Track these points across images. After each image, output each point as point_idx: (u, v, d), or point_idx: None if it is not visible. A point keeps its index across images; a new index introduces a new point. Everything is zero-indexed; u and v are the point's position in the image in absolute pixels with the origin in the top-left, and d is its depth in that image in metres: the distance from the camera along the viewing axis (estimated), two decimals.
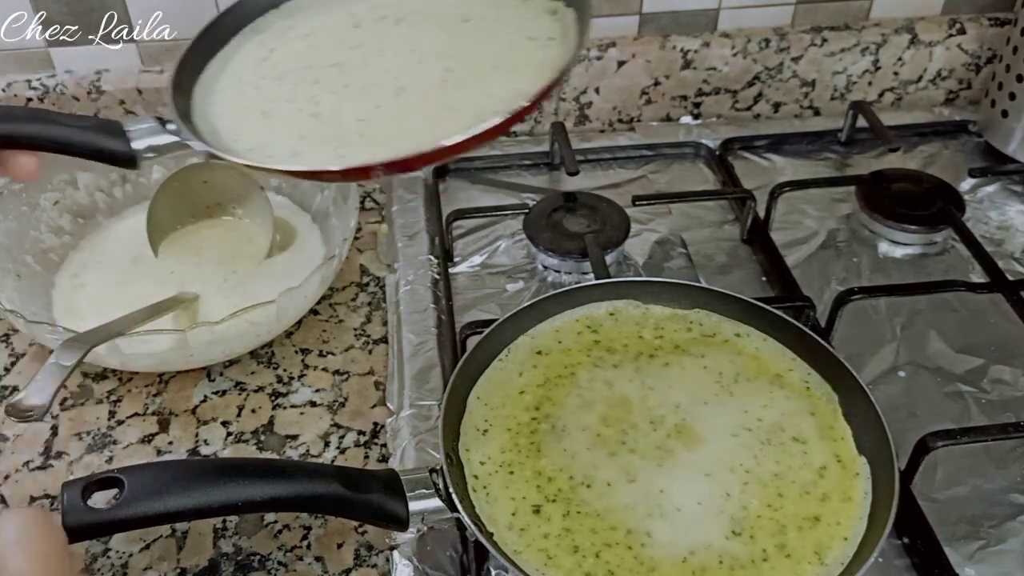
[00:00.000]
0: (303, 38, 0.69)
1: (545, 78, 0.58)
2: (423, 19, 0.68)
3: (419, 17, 0.69)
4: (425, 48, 0.66)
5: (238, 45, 0.69)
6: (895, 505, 0.55)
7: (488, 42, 0.65)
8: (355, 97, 0.62)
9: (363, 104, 0.62)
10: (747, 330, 0.69)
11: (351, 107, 0.61)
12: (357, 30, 0.68)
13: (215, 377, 0.75)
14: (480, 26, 0.67)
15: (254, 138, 0.60)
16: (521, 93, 0.57)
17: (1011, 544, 0.62)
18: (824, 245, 0.88)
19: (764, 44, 1.00)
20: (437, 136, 0.54)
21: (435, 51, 0.65)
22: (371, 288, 0.83)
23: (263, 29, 0.70)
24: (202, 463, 0.62)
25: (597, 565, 0.54)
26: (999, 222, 0.91)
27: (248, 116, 0.62)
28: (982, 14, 1.04)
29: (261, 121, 0.62)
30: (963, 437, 0.63)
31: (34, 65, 0.93)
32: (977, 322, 0.79)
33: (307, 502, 0.54)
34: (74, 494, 0.50)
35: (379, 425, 0.71)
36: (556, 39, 0.64)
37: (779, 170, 0.98)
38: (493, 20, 0.68)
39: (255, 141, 0.60)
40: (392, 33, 0.68)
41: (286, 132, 0.60)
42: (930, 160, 1.00)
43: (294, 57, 0.67)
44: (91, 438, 0.70)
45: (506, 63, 0.63)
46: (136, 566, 0.62)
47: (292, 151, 0.58)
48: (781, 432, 0.61)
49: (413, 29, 0.68)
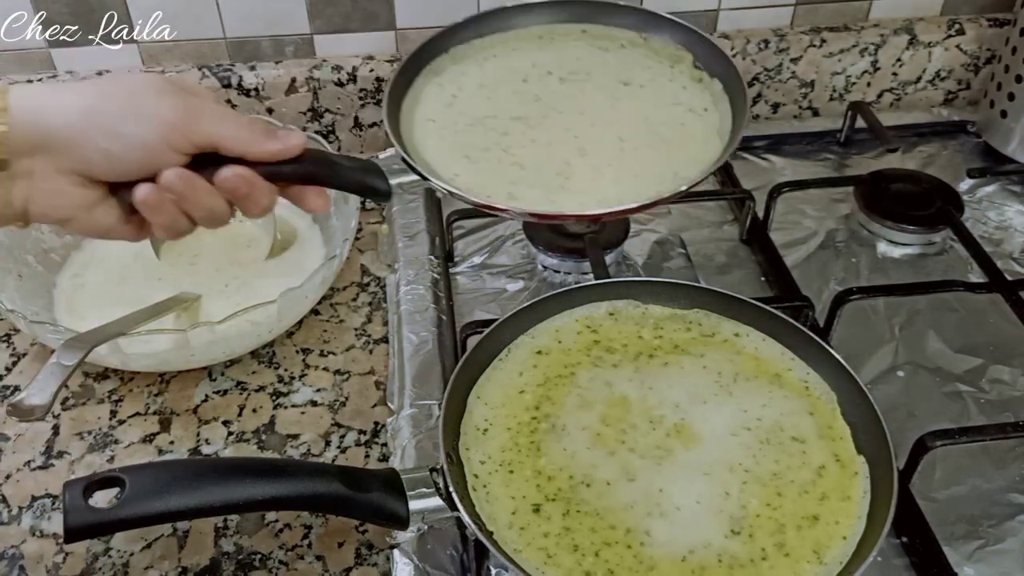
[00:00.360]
0: (480, 88, 0.77)
1: (716, 152, 0.69)
2: (585, 78, 0.77)
3: (580, 76, 0.77)
4: (595, 112, 0.74)
5: (421, 85, 0.76)
6: (894, 504, 0.55)
7: (652, 112, 0.74)
8: (545, 152, 0.71)
9: (555, 159, 0.70)
10: (746, 330, 0.69)
11: (546, 161, 0.70)
12: (526, 84, 0.77)
13: (216, 377, 0.75)
14: (639, 93, 0.76)
15: (471, 179, 0.68)
16: (697, 162, 0.69)
17: (1010, 543, 0.63)
18: (823, 245, 0.88)
19: (763, 45, 1.01)
20: (629, 197, 0.66)
21: (605, 117, 0.74)
22: (372, 288, 0.84)
23: (439, 71, 0.78)
24: (203, 462, 0.62)
25: (597, 564, 0.54)
26: (998, 222, 0.91)
27: (455, 158, 0.69)
28: (981, 15, 1.05)
29: (469, 165, 0.69)
30: (962, 437, 0.63)
31: (35, 65, 0.93)
32: (976, 322, 0.79)
33: (308, 501, 0.54)
34: (76, 493, 0.50)
35: (380, 424, 0.71)
36: (710, 109, 0.74)
37: (778, 170, 0.98)
38: (650, 86, 0.76)
39: (472, 182, 0.67)
40: (559, 91, 0.76)
41: (497, 177, 0.68)
42: (929, 160, 1.00)
43: (477, 106, 0.75)
44: (92, 438, 0.70)
45: (675, 138, 0.72)
46: (137, 565, 0.62)
47: (507, 194, 0.67)
48: (780, 432, 0.61)
49: (577, 88, 0.76)
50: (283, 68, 0.95)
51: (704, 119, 0.74)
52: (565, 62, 0.79)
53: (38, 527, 0.64)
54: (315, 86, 0.96)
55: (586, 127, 0.73)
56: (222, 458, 0.68)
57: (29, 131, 0.50)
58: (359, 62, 0.96)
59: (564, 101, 0.75)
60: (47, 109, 0.50)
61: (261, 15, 0.93)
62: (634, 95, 0.76)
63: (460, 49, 0.79)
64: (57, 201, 0.52)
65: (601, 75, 0.78)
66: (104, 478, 0.51)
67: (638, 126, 0.73)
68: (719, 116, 0.73)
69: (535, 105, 0.75)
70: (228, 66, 0.95)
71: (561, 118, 0.74)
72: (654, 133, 0.73)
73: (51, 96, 0.51)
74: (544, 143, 0.72)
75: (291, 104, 0.96)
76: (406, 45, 0.97)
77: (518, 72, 0.78)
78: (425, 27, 0.96)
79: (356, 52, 0.97)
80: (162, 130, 0.51)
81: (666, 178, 0.68)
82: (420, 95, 0.76)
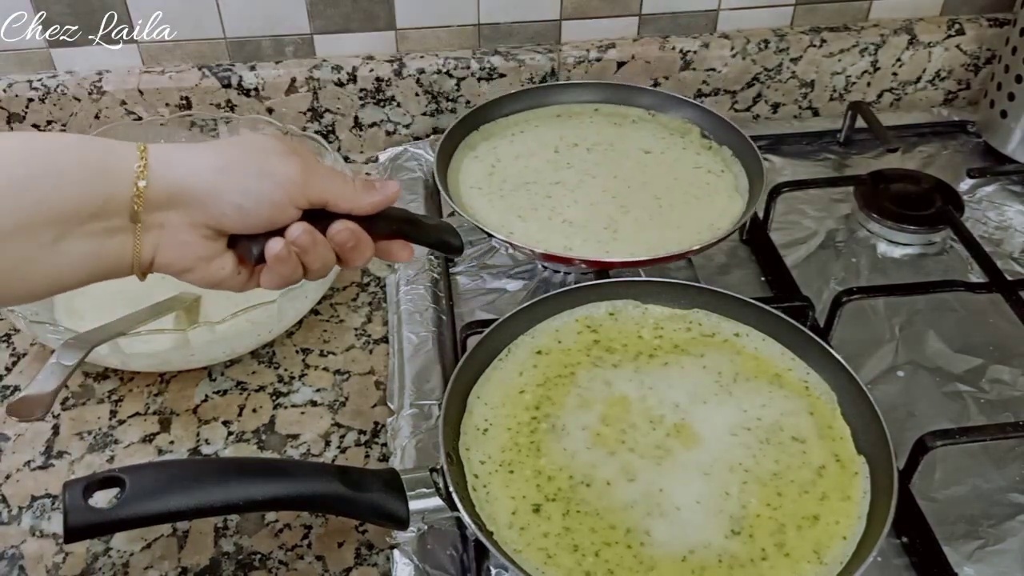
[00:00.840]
0: (516, 158, 0.87)
1: (741, 206, 0.81)
2: (608, 148, 0.88)
3: (604, 147, 0.88)
4: (627, 175, 0.84)
5: (460, 158, 0.87)
6: (894, 504, 0.55)
7: (678, 174, 0.85)
8: (589, 211, 0.80)
9: (600, 216, 0.80)
10: (746, 330, 0.69)
11: (593, 218, 0.79)
12: (558, 154, 0.87)
13: (216, 377, 0.75)
14: (662, 159, 0.87)
15: (526, 235, 0.77)
16: (726, 214, 0.80)
17: (1010, 543, 0.63)
18: (823, 245, 0.88)
19: (763, 45, 1.01)
20: (673, 245, 0.76)
21: (638, 179, 0.84)
22: (372, 288, 0.84)
23: (474, 146, 0.89)
24: (203, 462, 0.62)
25: (597, 564, 0.54)
26: (998, 222, 0.91)
27: (508, 218, 0.79)
28: (981, 15, 1.05)
29: (521, 223, 0.79)
30: (962, 437, 0.63)
31: (35, 65, 0.93)
32: (976, 322, 0.79)
33: (308, 501, 0.54)
34: (75, 493, 0.50)
35: (380, 424, 0.71)
36: (725, 171, 0.86)
37: (778, 170, 0.98)
38: (668, 153, 0.88)
39: (528, 237, 0.77)
40: (589, 159, 0.87)
41: (551, 232, 0.78)
42: (929, 160, 1.00)
43: (517, 174, 0.85)
44: (92, 438, 0.70)
45: (704, 195, 0.82)
46: (137, 565, 0.62)
47: (564, 247, 0.76)
48: (780, 431, 0.62)
49: (605, 156, 0.87)
50: (283, 68, 0.95)
51: (723, 179, 0.84)
52: (587, 135, 0.90)
53: (38, 527, 0.64)
54: (315, 86, 0.96)
55: (622, 188, 0.83)
56: (222, 458, 0.68)
57: (166, 186, 0.53)
58: (359, 62, 0.96)
59: (596, 167, 0.85)
60: (184, 166, 0.54)
61: (261, 15, 0.93)
62: (658, 161, 0.86)
63: (489, 127, 0.91)
64: (183, 252, 0.55)
65: (623, 145, 0.89)
66: (104, 478, 0.51)
67: (669, 186, 0.83)
68: (734, 176, 0.85)
69: (570, 171, 0.85)
70: (228, 66, 0.95)
71: (596, 182, 0.84)
72: (684, 191, 0.83)
73: (187, 155, 0.55)
74: (587, 203, 0.81)
75: (291, 104, 0.96)
76: (406, 45, 0.97)
77: (548, 144, 0.89)
78: (425, 27, 0.96)
79: (356, 52, 0.97)
80: (286, 187, 0.55)
81: (703, 228, 0.78)
82: (460, 167, 0.86)
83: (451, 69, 0.97)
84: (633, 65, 1.00)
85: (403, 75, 0.96)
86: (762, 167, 0.82)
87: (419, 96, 0.98)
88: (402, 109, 0.99)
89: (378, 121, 0.99)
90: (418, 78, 0.97)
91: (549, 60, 0.98)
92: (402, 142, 1.00)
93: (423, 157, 0.97)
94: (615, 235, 0.77)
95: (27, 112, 0.93)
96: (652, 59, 1.00)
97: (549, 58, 0.98)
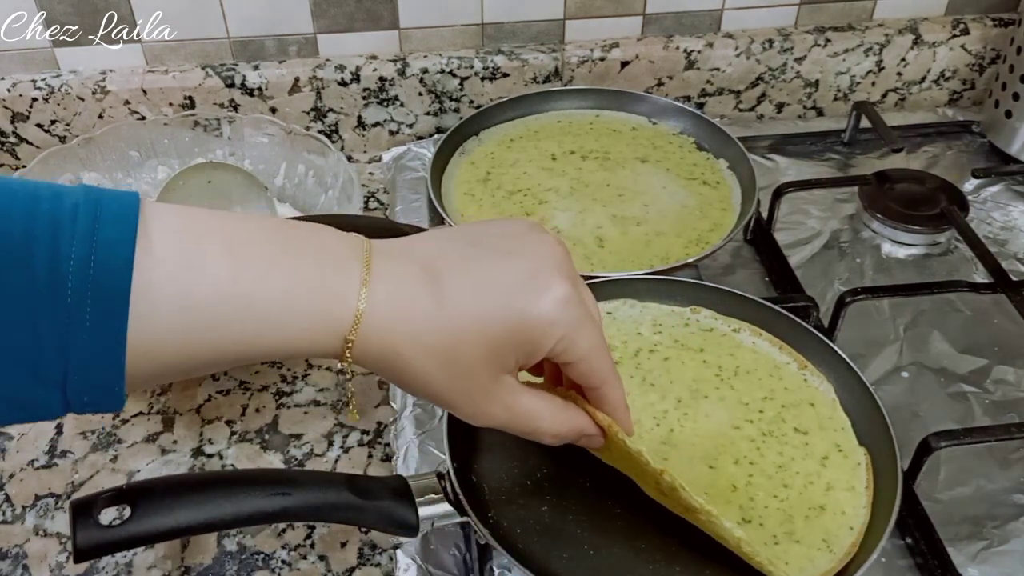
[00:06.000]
0: (513, 165, 0.87)
1: (732, 219, 0.81)
2: (604, 156, 0.89)
3: (600, 155, 0.89)
4: (620, 184, 0.85)
5: (456, 164, 0.88)
6: (899, 492, 0.56)
7: (672, 184, 0.85)
8: (578, 219, 0.81)
9: (589, 225, 0.80)
10: (744, 325, 0.69)
11: (582, 227, 0.80)
12: (555, 161, 0.88)
13: (219, 376, 0.75)
14: (657, 168, 0.87)
15: None
16: (718, 227, 0.80)
17: (1014, 545, 0.62)
18: (827, 245, 0.88)
19: (767, 45, 1.00)
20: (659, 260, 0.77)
21: (631, 188, 0.85)
22: None
23: (468, 151, 0.90)
24: (211, 476, 0.60)
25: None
26: (1003, 222, 0.91)
27: None
28: (986, 14, 1.04)
29: None
30: (966, 438, 0.63)
31: (39, 65, 0.93)
32: (980, 322, 0.79)
33: (318, 511, 0.52)
34: (84, 512, 0.49)
35: (382, 424, 0.71)
36: (721, 182, 0.86)
37: (782, 170, 0.98)
38: (664, 162, 0.89)
39: None
40: (584, 167, 0.87)
41: None
42: (933, 161, 1.00)
43: (512, 181, 0.85)
44: (96, 437, 0.70)
45: (697, 206, 0.83)
46: (140, 565, 0.62)
47: None
48: (782, 423, 0.62)
49: (600, 165, 0.87)
50: (286, 68, 0.95)
51: (718, 190, 0.85)
52: (585, 143, 0.90)
53: (41, 526, 0.64)
54: (318, 86, 0.96)
55: (614, 197, 0.83)
56: (230, 471, 0.67)
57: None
58: (362, 62, 0.96)
59: (590, 175, 0.86)
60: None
61: (265, 15, 0.93)
62: (652, 171, 0.87)
63: (487, 132, 0.92)
64: None
65: (620, 154, 0.89)
66: (112, 495, 0.50)
67: (660, 196, 0.84)
68: (729, 188, 0.85)
69: (564, 179, 0.86)
70: (232, 66, 0.95)
71: (590, 191, 0.84)
72: (677, 202, 0.83)
73: None
74: (578, 211, 0.82)
75: (294, 104, 0.96)
76: (409, 45, 0.97)
77: (545, 152, 0.89)
78: (429, 27, 0.96)
79: (359, 52, 0.97)
80: None
81: (692, 242, 0.79)
82: (455, 173, 0.87)
83: (454, 69, 0.97)
84: (637, 65, 1.00)
85: (406, 75, 0.96)
86: (755, 184, 0.82)
87: (422, 96, 0.98)
88: (405, 109, 0.99)
89: (381, 121, 0.99)
90: (421, 78, 0.97)
91: (553, 60, 0.98)
92: (405, 142, 1.00)
93: (426, 157, 0.97)
94: (602, 245, 0.78)
95: (31, 112, 0.93)
96: (656, 59, 0.99)
97: (553, 58, 0.98)
